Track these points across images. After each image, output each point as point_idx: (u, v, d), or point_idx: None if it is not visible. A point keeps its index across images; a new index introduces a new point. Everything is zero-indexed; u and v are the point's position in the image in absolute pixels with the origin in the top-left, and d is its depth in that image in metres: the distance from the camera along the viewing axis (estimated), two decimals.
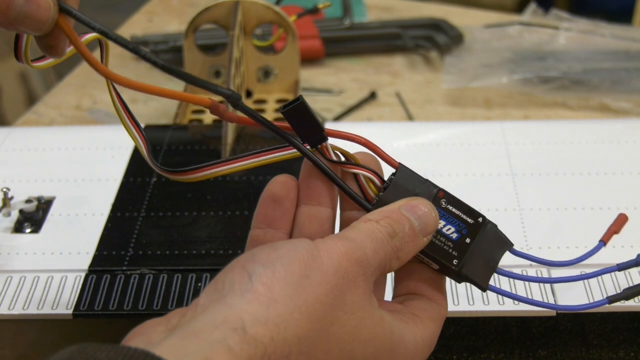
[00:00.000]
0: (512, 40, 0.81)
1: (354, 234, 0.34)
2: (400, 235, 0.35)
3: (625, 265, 0.41)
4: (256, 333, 0.29)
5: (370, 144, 0.37)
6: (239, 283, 0.31)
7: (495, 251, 0.39)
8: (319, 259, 0.32)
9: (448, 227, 0.37)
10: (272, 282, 0.30)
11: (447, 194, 0.38)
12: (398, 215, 0.35)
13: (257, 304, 0.30)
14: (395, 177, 0.37)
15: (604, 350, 0.47)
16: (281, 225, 0.37)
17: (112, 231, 0.51)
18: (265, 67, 0.70)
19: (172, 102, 0.76)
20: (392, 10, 0.94)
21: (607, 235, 0.41)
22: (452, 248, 0.37)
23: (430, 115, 0.73)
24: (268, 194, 0.37)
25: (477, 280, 0.38)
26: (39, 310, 0.45)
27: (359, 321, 0.33)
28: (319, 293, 0.31)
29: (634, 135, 0.58)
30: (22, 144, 0.59)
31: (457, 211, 0.38)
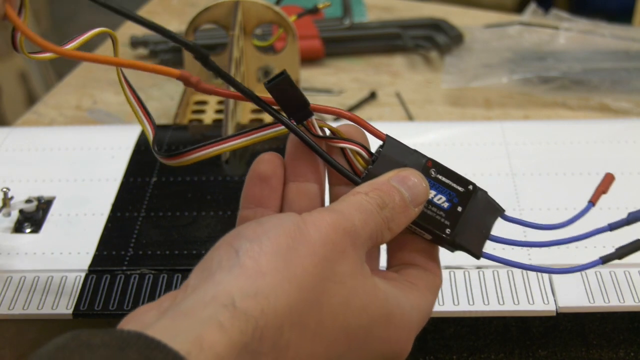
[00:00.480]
0: (512, 40, 0.81)
1: (342, 206, 0.34)
2: (390, 206, 0.35)
3: (616, 224, 0.40)
4: (246, 307, 0.29)
5: (357, 118, 0.37)
6: (226, 260, 0.31)
7: (487, 218, 0.38)
8: (305, 231, 0.32)
9: (439, 197, 0.37)
10: (259, 256, 0.30)
11: (436, 163, 0.37)
12: (388, 186, 0.35)
13: (245, 278, 0.30)
14: (383, 149, 0.37)
15: (604, 350, 0.47)
16: (270, 204, 0.37)
17: (112, 231, 0.51)
18: (265, 67, 0.70)
19: (172, 102, 0.76)
20: (392, 10, 0.94)
21: (595, 195, 0.41)
22: (444, 217, 0.37)
23: (430, 115, 0.73)
24: (254, 173, 0.37)
25: (470, 248, 0.38)
26: (39, 310, 0.45)
27: (350, 290, 0.33)
28: (307, 264, 0.31)
29: (634, 135, 0.58)
30: (22, 144, 0.59)
31: (447, 180, 0.38)
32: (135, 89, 0.39)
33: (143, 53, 0.85)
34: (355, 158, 0.37)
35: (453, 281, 0.46)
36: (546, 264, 0.47)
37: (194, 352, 0.27)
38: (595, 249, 0.44)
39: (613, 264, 0.46)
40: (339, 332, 0.32)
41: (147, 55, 0.85)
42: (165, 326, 0.28)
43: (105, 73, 0.83)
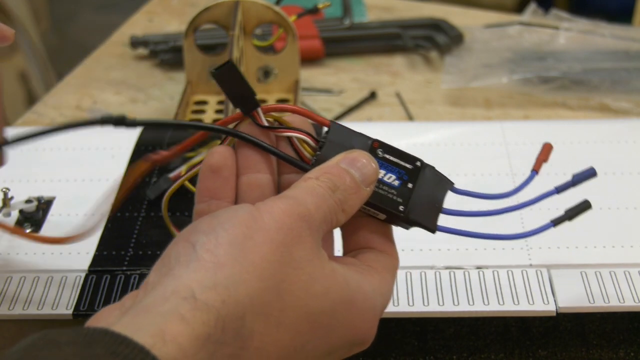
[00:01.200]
0: (512, 40, 0.81)
1: (294, 192, 0.34)
2: (342, 188, 0.35)
3: (562, 187, 0.41)
4: (207, 298, 0.29)
5: (298, 109, 0.38)
6: (184, 255, 0.31)
7: (438, 192, 0.39)
8: (260, 219, 0.32)
9: (389, 175, 0.38)
10: (216, 248, 0.31)
11: (382, 143, 0.38)
12: (337, 169, 0.36)
13: (203, 271, 0.30)
14: (329, 134, 0.37)
15: (604, 350, 0.47)
16: (224, 195, 0.37)
17: (112, 231, 0.51)
18: (265, 67, 0.70)
19: (172, 102, 0.76)
20: (392, 10, 0.94)
21: (537, 164, 0.42)
22: (395, 195, 0.38)
23: (430, 115, 0.73)
24: (206, 166, 0.37)
25: (425, 223, 0.38)
26: (39, 310, 0.45)
27: (310, 276, 0.33)
28: (265, 252, 0.31)
29: (634, 135, 0.58)
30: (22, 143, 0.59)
31: (394, 159, 0.38)
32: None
33: (143, 53, 0.85)
34: (302, 146, 0.37)
35: (453, 281, 0.46)
36: (546, 263, 0.47)
37: (157, 344, 0.27)
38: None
39: (613, 263, 0.47)
40: (302, 318, 0.32)
41: (147, 55, 0.85)
42: (129, 322, 0.29)
43: (105, 73, 0.83)
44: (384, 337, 0.48)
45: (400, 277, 0.46)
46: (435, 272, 0.47)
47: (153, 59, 0.84)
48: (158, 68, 0.83)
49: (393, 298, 0.45)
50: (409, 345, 0.48)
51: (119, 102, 0.77)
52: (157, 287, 0.30)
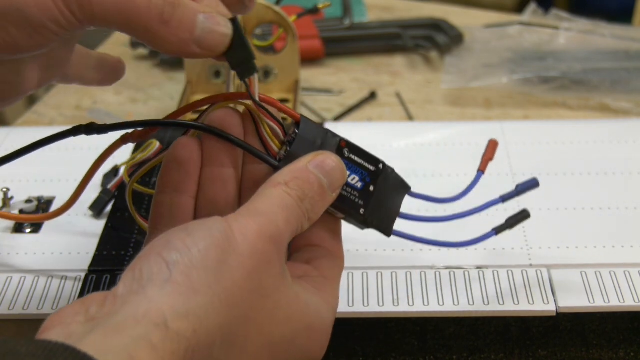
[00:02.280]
0: (512, 40, 0.81)
1: (265, 205, 0.34)
2: (310, 196, 0.35)
3: (507, 196, 0.43)
4: (179, 328, 0.29)
5: (269, 99, 0.37)
6: (157, 273, 0.30)
7: (397, 196, 0.39)
8: (234, 241, 0.32)
9: (352, 177, 0.37)
10: (190, 271, 0.30)
11: (349, 143, 0.38)
12: (306, 174, 0.35)
13: (177, 296, 0.29)
14: (299, 130, 0.37)
15: (604, 350, 0.47)
16: (186, 188, 0.37)
17: (112, 231, 0.51)
18: (265, 67, 0.70)
19: (172, 102, 0.76)
20: (392, 10, 0.94)
21: (483, 164, 0.44)
22: (358, 197, 0.37)
23: (430, 115, 0.73)
24: (171, 157, 0.37)
25: (382, 228, 0.39)
26: (39, 310, 0.45)
27: (275, 304, 0.33)
28: (237, 278, 0.31)
29: (634, 135, 0.58)
30: (22, 144, 0.59)
31: (359, 159, 0.38)
32: None
33: (143, 53, 0.85)
34: (271, 138, 0.37)
35: (453, 281, 0.46)
36: (546, 263, 0.47)
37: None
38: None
39: (613, 263, 0.47)
40: (264, 346, 0.33)
41: (147, 55, 0.85)
42: (95, 341, 0.28)
43: None
44: (384, 337, 0.48)
45: (401, 277, 0.46)
46: (435, 272, 0.47)
47: (153, 59, 0.84)
48: (158, 68, 0.83)
49: (393, 298, 0.45)
50: (409, 345, 0.48)
51: (119, 102, 0.77)
52: (127, 304, 0.29)
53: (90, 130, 0.36)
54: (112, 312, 0.29)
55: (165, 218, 0.37)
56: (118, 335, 0.28)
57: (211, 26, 0.34)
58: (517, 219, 0.43)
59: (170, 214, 0.37)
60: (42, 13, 0.31)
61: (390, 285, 0.46)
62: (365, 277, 0.46)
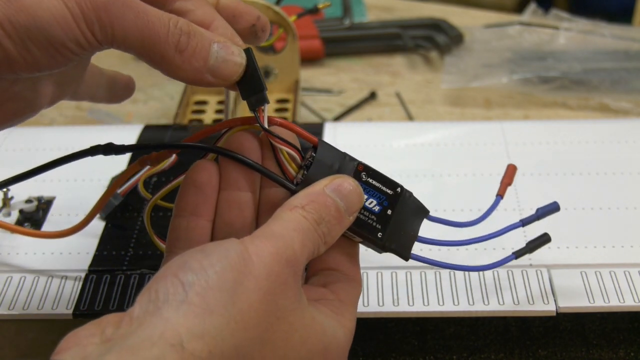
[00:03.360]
0: (512, 40, 0.81)
1: (281, 228, 0.34)
2: (326, 219, 0.35)
3: (528, 220, 0.43)
4: (194, 349, 0.29)
5: (288, 124, 0.37)
6: (173, 294, 0.30)
7: (415, 220, 0.39)
8: (250, 263, 0.32)
9: (370, 200, 0.37)
10: (206, 292, 0.30)
11: (367, 167, 0.38)
12: (323, 197, 0.35)
13: (193, 317, 0.29)
14: (317, 154, 0.37)
15: (604, 350, 0.47)
16: (204, 212, 0.37)
17: (112, 231, 0.51)
18: (265, 67, 0.70)
19: (173, 101, 0.76)
20: (392, 10, 0.94)
21: (502, 188, 0.43)
22: (375, 221, 0.37)
23: (430, 115, 0.73)
24: (189, 180, 0.37)
25: (400, 252, 0.39)
26: (39, 310, 0.45)
27: (291, 326, 0.33)
28: (253, 300, 0.31)
29: (634, 135, 0.58)
30: (22, 144, 0.59)
31: (377, 183, 0.38)
32: None
33: None
34: (288, 162, 0.37)
35: (453, 281, 0.46)
36: (546, 263, 0.47)
37: None
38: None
39: (613, 263, 0.47)
40: None
41: None
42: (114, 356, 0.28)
43: None
44: (384, 337, 0.48)
45: (401, 277, 0.46)
46: (435, 272, 0.47)
47: None
48: None
49: (393, 298, 0.45)
50: (409, 345, 0.48)
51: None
52: (143, 325, 0.29)
53: (108, 150, 0.36)
54: (128, 333, 0.29)
55: (182, 241, 0.37)
56: (134, 357, 0.28)
57: (225, 55, 0.34)
58: (538, 242, 0.43)
59: (187, 237, 0.37)
60: (64, 33, 0.32)
61: (390, 285, 0.46)
62: (366, 277, 0.46)
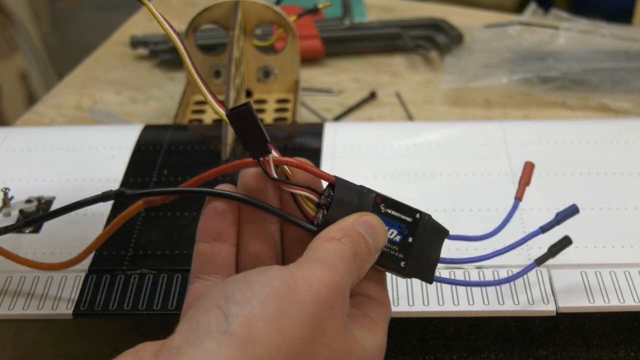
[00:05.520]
0: (512, 40, 0.81)
1: (325, 255, 0.34)
2: (360, 253, 0.35)
3: (547, 226, 0.43)
4: None
5: (303, 165, 0.37)
6: (215, 325, 0.30)
7: (435, 243, 0.39)
8: (295, 289, 0.31)
9: (391, 231, 0.37)
10: (250, 322, 0.30)
11: (384, 198, 0.38)
12: (355, 233, 0.35)
13: (235, 348, 0.29)
14: (335, 193, 0.37)
15: (604, 350, 0.47)
16: (227, 238, 0.37)
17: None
18: (265, 67, 0.70)
19: (172, 102, 0.76)
20: (392, 10, 0.94)
21: (520, 191, 0.43)
22: (397, 251, 0.38)
23: (430, 115, 0.73)
24: (211, 206, 0.37)
25: (423, 278, 0.39)
26: (39, 310, 0.45)
27: (335, 351, 0.32)
28: (298, 327, 0.31)
29: (634, 135, 0.58)
30: (22, 144, 0.59)
31: (396, 213, 0.38)
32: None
33: (143, 53, 0.85)
34: (306, 203, 0.37)
35: (453, 285, 0.46)
36: (546, 263, 0.47)
37: None
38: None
39: (613, 263, 0.47)
40: None
41: (147, 55, 0.85)
42: None
43: (105, 73, 0.83)
44: None
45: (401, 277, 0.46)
46: (435, 272, 0.47)
47: (153, 59, 0.84)
48: (158, 68, 0.83)
49: (393, 298, 0.45)
50: (409, 345, 0.48)
51: (119, 102, 0.77)
52: (183, 356, 0.29)
53: (121, 197, 0.36)
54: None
55: (207, 266, 0.37)
56: None
57: None
58: (559, 246, 0.43)
59: (211, 262, 0.37)
60: None
61: (391, 285, 0.46)
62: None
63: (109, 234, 0.41)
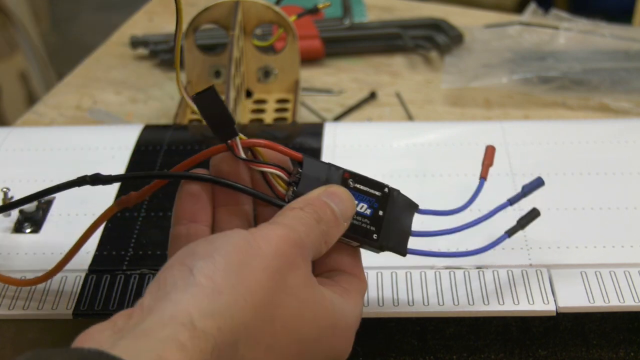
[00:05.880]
0: (512, 40, 0.81)
1: (285, 220, 0.35)
2: (325, 220, 0.36)
3: (514, 198, 0.44)
4: (204, 326, 0.30)
5: (271, 144, 0.38)
6: (181, 279, 0.31)
7: (406, 216, 0.41)
8: (256, 245, 0.33)
9: (361, 205, 0.39)
10: (213, 274, 0.31)
11: (352, 173, 0.39)
12: (320, 202, 0.37)
13: (202, 297, 0.30)
14: (303, 169, 0.38)
15: (604, 350, 0.47)
16: (202, 219, 0.38)
17: (112, 231, 0.51)
18: (265, 67, 0.70)
19: (173, 101, 0.76)
20: (392, 10, 0.94)
21: (484, 171, 0.44)
22: (369, 224, 0.39)
23: (430, 115, 0.73)
24: (185, 190, 0.38)
25: (396, 249, 0.40)
26: (39, 310, 0.45)
27: (301, 302, 0.34)
28: (261, 278, 0.32)
29: (634, 135, 0.58)
30: (22, 144, 0.59)
31: (365, 187, 0.39)
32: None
33: (143, 53, 0.85)
34: (277, 181, 0.38)
35: (453, 281, 0.46)
36: (546, 263, 0.47)
37: None
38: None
39: (613, 263, 0.47)
40: (292, 343, 0.33)
41: (147, 55, 0.85)
42: (126, 346, 0.29)
43: (105, 73, 0.83)
44: (384, 337, 0.48)
45: (400, 277, 0.46)
46: (435, 272, 0.47)
47: (153, 59, 0.84)
48: (158, 68, 0.83)
49: (393, 298, 0.45)
50: (409, 345, 0.48)
51: (119, 102, 0.77)
52: (154, 311, 0.30)
53: (95, 181, 0.37)
54: (140, 321, 0.30)
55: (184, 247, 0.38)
56: (146, 338, 0.29)
57: None
58: (528, 218, 0.44)
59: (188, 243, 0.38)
60: None
61: (390, 285, 0.46)
62: (366, 278, 0.46)
63: (82, 242, 0.42)
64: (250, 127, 0.63)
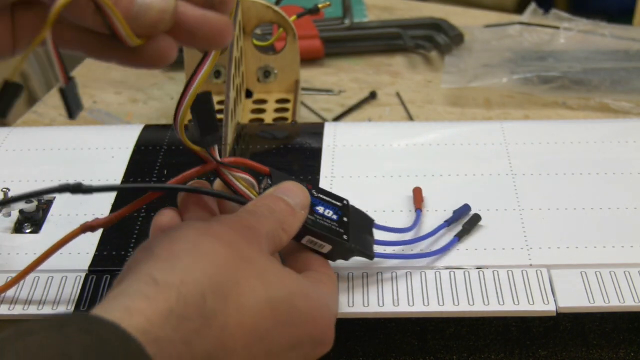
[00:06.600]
0: (512, 40, 0.81)
1: (237, 214, 0.39)
2: (278, 210, 0.39)
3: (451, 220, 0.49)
4: (166, 280, 0.33)
5: (238, 160, 0.42)
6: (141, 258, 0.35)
7: (366, 225, 0.45)
8: (210, 227, 0.36)
9: (327, 210, 0.43)
10: (171, 245, 0.35)
11: (315, 186, 0.44)
12: (272, 197, 0.40)
13: (161, 262, 0.34)
14: (272, 181, 0.42)
15: (604, 350, 0.47)
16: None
17: (112, 231, 0.51)
18: (265, 67, 0.70)
19: (172, 102, 0.76)
20: (392, 10, 0.94)
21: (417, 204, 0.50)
22: (337, 226, 0.42)
23: (430, 115, 0.73)
24: (156, 225, 0.41)
25: (365, 251, 0.44)
26: (39, 310, 0.45)
27: (263, 267, 0.36)
28: (216, 247, 0.35)
29: (634, 135, 0.58)
30: (22, 144, 0.59)
31: (327, 197, 0.44)
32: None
33: None
34: (248, 189, 0.42)
35: (453, 281, 0.46)
36: (546, 263, 0.47)
37: (125, 318, 0.30)
38: None
39: (613, 263, 0.47)
40: (262, 302, 0.34)
41: None
42: (97, 308, 0.32)
43: (105, 73, 0.83)
44: (384, 337, 0.48)
45: (401, 277, 0.46)
46: (435, 272, 0.47)
47: None
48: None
49: (393, 298, 0.45)
50: (409, 345, 0.48)
51: (119, 102, 0.77)
52: (119, 285, 0.34)
53: (77, 190, 0.38)
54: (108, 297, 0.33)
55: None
56: (115, 300, 0.32)
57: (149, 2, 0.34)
58: (471, 222, 0.49)
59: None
60: None
61: (390, 285, 0.46)
62: (365, 277, 0.46)
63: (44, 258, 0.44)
64: (250, 127, 0.63)
